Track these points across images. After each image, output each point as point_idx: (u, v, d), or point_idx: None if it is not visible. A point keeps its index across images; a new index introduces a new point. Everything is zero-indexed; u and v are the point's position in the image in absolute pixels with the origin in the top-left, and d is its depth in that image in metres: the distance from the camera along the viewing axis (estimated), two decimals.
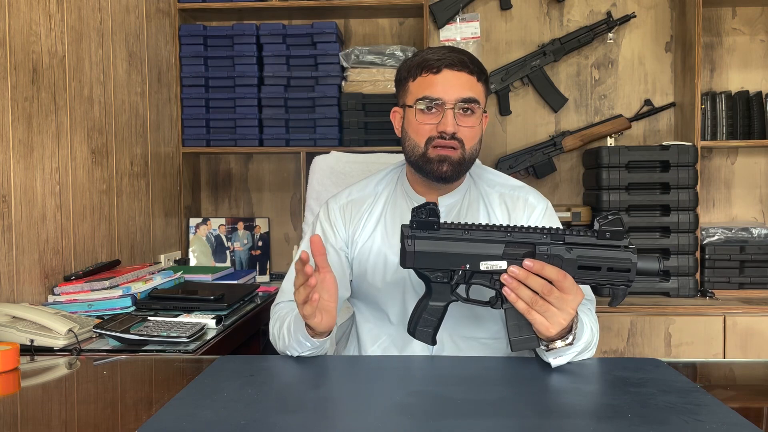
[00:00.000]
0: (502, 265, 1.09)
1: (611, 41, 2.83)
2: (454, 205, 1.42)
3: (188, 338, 1.46)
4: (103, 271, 1.91)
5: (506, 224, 1.12)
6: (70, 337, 1.44)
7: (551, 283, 1.07)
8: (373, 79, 2.68)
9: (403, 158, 1.47)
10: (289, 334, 1.26)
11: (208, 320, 1.61)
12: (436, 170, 1.33)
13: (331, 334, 1.24)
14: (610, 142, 2.72)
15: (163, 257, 2.51)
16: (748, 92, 2.70)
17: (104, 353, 1.43)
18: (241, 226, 2.78)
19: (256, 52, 2.70)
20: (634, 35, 2.85)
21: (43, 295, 1.73)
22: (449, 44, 2.76)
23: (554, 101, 2.84)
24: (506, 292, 1.09)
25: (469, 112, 1.33)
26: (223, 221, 2.77)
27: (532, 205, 1.43)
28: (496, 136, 2.88)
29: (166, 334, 1.46)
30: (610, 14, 2.80)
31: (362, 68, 2.69)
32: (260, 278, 2.68)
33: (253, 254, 2.77)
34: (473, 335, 1.40)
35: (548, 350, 1.14)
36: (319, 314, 1.16)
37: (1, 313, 1.48)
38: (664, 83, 2.85)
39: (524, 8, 2.87)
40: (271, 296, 2.20)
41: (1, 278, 1.57)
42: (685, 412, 0.95)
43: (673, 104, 2.82)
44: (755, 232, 2.67)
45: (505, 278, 1.09)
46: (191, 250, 2.74)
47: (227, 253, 2.76)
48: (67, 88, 1.87)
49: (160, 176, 2.52)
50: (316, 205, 1.98)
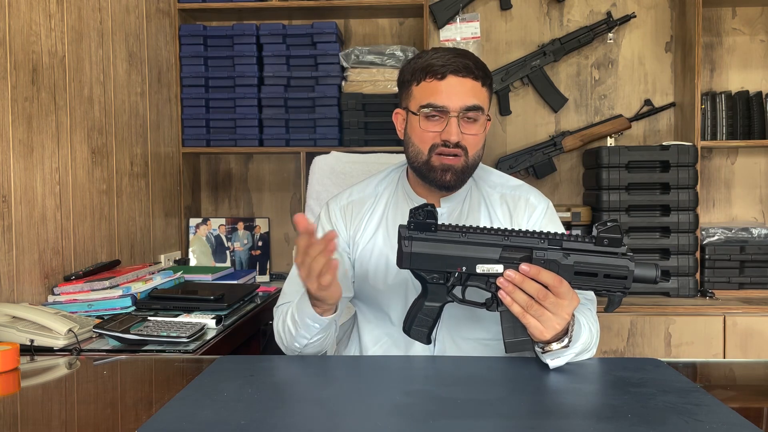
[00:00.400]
0: (498, 268, 1.10)
1: (611, 41, 2.83)
2: (455, 207, 1.42)
3: (188, 338, 1.46)
4: (103, 271, 1.91)
5: (504, 228, 1.12)
6: (70, 337, 1.44)
7: (547, 288, 1.08)
8: (373, 79, 2.68)
9: (403, 159, 1.47)
10: (294, 323, 1.26)
11: (208, 320, 1.61)
12: (439, 179, 1.33)
13: (336, 311, 1.25)
14: (610, 142, 2.72)
15: (163, 257, 2.51)
16: (748, 92, 2.70)
17: (104, 353, 1.43)
18: (241, 226, 2.78)
19: (256, 52, 2.70)
20: (634, 35, 2.85)
21: (43, 295, 1.73)
22: (449, 44, 2.76)
23: (554, 101, 2.84)
24: (502, 295, 1.10)
25: (473, 119, 1.32)
26: (223, 221, 2.78)
27: (533, 205, 1.43)
28: (496, 136, 2.88)
29: (166, 334, 1.46)
30: (610, 14, 2.80)
31: (362, 68, 2.69)
32: (260, 278, 2.68)
33: (253, 254, 2.77)
34: (474, 336, 1.40)
35: (544, 352, 1.14)
36: (335, 284, 1.16)
37: (1, 313, 1.48)
38: (664, 83, 2.85)
39: (524, 8, 2.87)
40: (271, 296, 2.20)
41: (1, 278, 1.57)
42: (685, 412, 0.95)
43: (673, 104, 2.82)
44: (755, 232, 2.67)
45: (501, 282, 1.09)
46: (191, 250, 2.74)
47: (227, 253, 2.76)
48: (67, 88, 1.87)
49: (160, 176, 2.52)
50: (316, 205, 1.98)
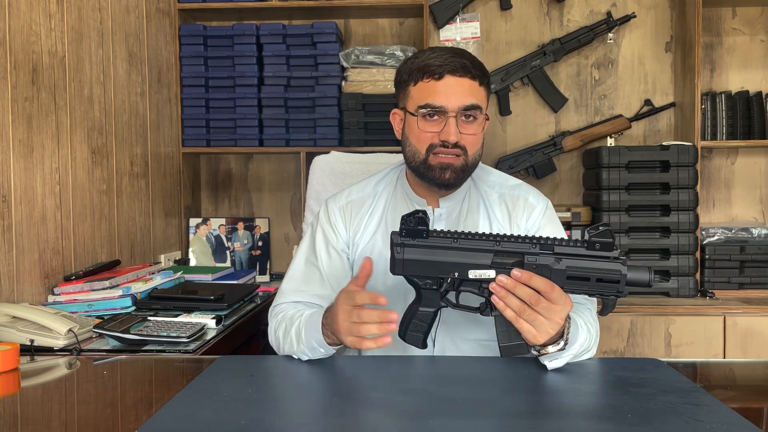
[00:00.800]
0: (490, 274, 1.10)
1: (611, 41, 2.82)
2: (454, 207, 1.42)
3: (188, 338, 1.46)
4: (103, 271, 1.91)
5: (495, 233, 1.12)
6: (70, 337, 1.44)
7: (539, 293, 1.08)
8: (373, 79, 2.68)
9: (401, 158, 1.47)
10: (298, 339, 1.25)
11: (208, 320, 1.61)
12: (438, 177, 1.33)
13: None
14: (610, 142, 2.72)
15: (163, 257, 2.51)
16: (748, 92, 2.70)
17: (104, 353, 1.43)
18: (241, 226, 2.77)
19: (256, 52, 2.70)
20: (634, 35, 2.85)
21: (43, 295, 1.73)
22: (449, 44, 2.76)
23: (554, 101, 2.84)
24: (495, 300, 1.10)
25: (471, 119, 1.32)
26: (223, 221, 2.77)
27: (531, 204, 1.43)
28: (496, 136, 2.88)
29: (166, 334, 1.46)
30: (610, 14, 2.80)
31: (362, 68, 2.69)
32: (260, 278, 2.68)
33: (253, 254, 2.77)
34: (474, 337, 1.39)
35: (540, 355, 1.15)
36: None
37: (1, 313, 1.48)
38: (664, 83, 2.85)
39: (524, 8, 2.87)
40: (271, 296, 2.20)
41: (1, 278, 1.57)
42: (685, 412, 0.95)
43: (673, 104, 2.82)
44: (755, 232, 2.67)
45: (493, 287, 1.09)
46: (191, 250, 2.74)
47: (227, 253, 2.76)
48: (67, 88, 1.87)
49: (160, 176, 2.52)
50: (316, 205, 1.98)
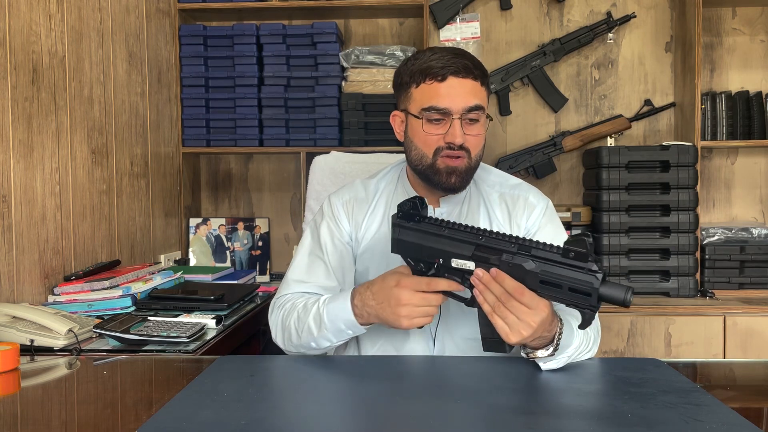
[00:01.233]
0: (470, 265, 1.12)
1: (611, 41, 2.82)
2: (454, 207, 1.42)
3: (188, 338, 1.46)
4: (103, 271, 1.91)
5: (482, 228, 1.14)
6: (70, 337, 1.44)
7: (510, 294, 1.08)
8: (373, 79, 2.68)
9: (401, 158, 1.47)
10: (319, 325, 1.26)
11: (208, 320, 1.61)
12: (444, 182, 1.33)
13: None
14: (610, 142, 2.72)
15: (163, 257, 2.51)
16: (748, 92, 2.70)
17: (104, 353, 1.43)
18: (241, 226, 2.77)
19: (256, 52, 2.70)
20: (634, 35, 2.85)
21: (43, 295, 1.73)
22: (449, 44, 2.76)
23: (554, 101, 2.84)
24: (475, 293, 1.12)
25: (475, 120, 1.32)
26: (223, 221, 2.77)
27: (532, 204, 1.43)
28: (496, 136, 2.88)
29: (166, 334, 1.46)
30: (610, 14, 2.80)
31: (362, 68, 2.69)
32: (260, 278, 2.68)
33: (253, 254, 2.77)
34: (474, 336, 1.39)
35: (529, 358, 1.15)
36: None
37: (1, 313, 1.48)
38: (664, 83, 2.85)
39: (524, 8, 2.87)
40: (271, 296, 2.20)
41: (1, 278, 1.57)
42: (685, 412, 0.95)
43: (673, 104, 2.82)
44: (755, 232, 2.67)
45: (473, 279, 1.12)
46: (191, 250, 2.74)
47: (227, 253, 2.76)
48: (67, 88, 1.87)
49: (160, 176, 2.52)
50: (316, 205, 1.98)
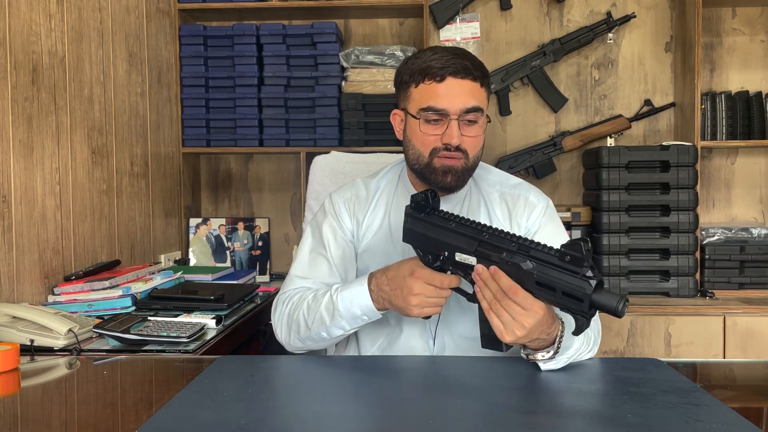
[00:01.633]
0: (472, 260, 1.13)
1: (611, 41, 2.82)
2: (454, 207, 1.42)
3: (188, 338, 1.46)
4: (103, 271, 1.91)
5: (488, 225, 1.15)
6: (70, 337, 1.44)
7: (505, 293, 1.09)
8: (373, 79, 2.68)
9: (402, 157, 1.47)
10: (332, 313, 1.27)
11: (208, 320, 1.61)
12: (440, 181, 1.33)
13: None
14: (610, 142, 2.72)
15: (163, 257, 2.51)
16: (748, 92, 2.70)
17: (104, 353, 1.43)
18: (241, 226, 2.77)
19: (256, 52, 2.70)
20: (634, 35, 2.85)
21: (43, 295, 1.73)
22: (449, 44, 2.76)
23: (554, 101, 2.84)
24: (476, 288, 1.13)
25: (473, 121, 1.32)
26: (223, 221, 2.77)
27: (532, 203, 1.43)
28: (496, 136, 2.88)
29: (166, 334, 1.46)
30: (610, 14, 2.80)
31: (362, 68, 2.69)
32: (260, 278, 2.68)
33: (253, 254, 2.77)
34: (474, 335, 1.39)
35: (528, 360, 1.15)
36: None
37: (1, 313, 1.48)
38: (664, 83, 2.85)
39: (524, 8, 2.87)
40: (271, 296, 2.20)
41: (1, 278, 1.57)
42: (685, 412, 0.95)
43: (673, 104, 2.82)
44: (755, 232, 2.67)
45: (474, 275, 1.12)
46: (191, 250, 2.74)
47: (227, 253, 2.76)
48: (67, 88, 1.87)
49: (160, 176, 2.52)
50: (316, 205, 1.98)
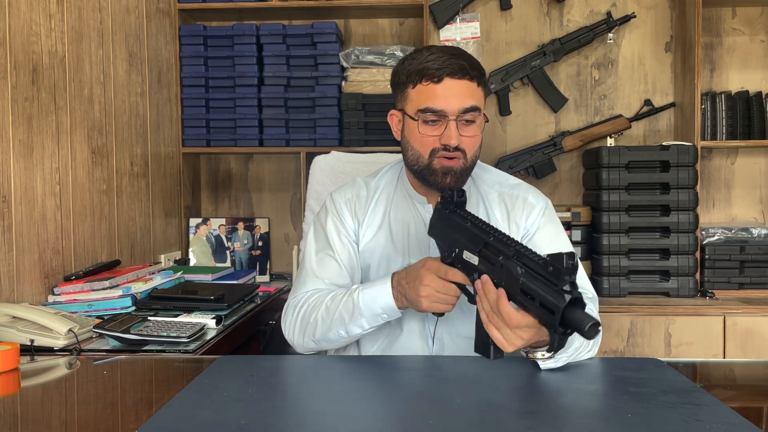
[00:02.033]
0: (474, 260, 1.15)
1: (611, 41, 2.82)
2: None
3: (188, 338, 1.46)
4: (103, 271, 1.91)
5: (497, 229, 1.14)
6: (70, 337, 1.44)
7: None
8: (373, 79, 2.68)
9: (401, 156, 1.47)
10: (352, 313, 1.28)
11: (208, 320, 1.61)
12: (440, 182, 1.34)
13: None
14: (610, 142, 2.72)
15: (163, 257, 2.51)
16: (748, 92, 2.70)
17: (104, 353, 1.43)
18: (241, 226, 2.77)
19: (256, 52, 2.70)
20: (634, 35, 2.85)
21: (43, 295, 1.73)
22: (449, 44, 2.76)
23: (554, 101, 2.84)
24: (477, 298, 1.13)
25: (471, 121, 1.33)
26: (223, 221, 2.77)
27: (531, 204, 1.43)
28: (496, 136, 2.88)
29: (166, 334, 1.46)
30: (610, 14, 2.80)
31: (362, 68, 2.69)
32: (260, 278, 2.68)
33: (253, 254, 2.77)
34: (473, 335, 1.39)
35: (527, 357, 1.15)
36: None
37: (1, 313, 1.48)
38: (664, 83, 2.85)
39: (524, 8, 2.87)
40: (271, 296, 2.21)
41: (1, 278, 1.57)
42: (685, 412, 0.95)
43: (673, 104, 2.81)
44: (755, 232, 2.67)
45: (476, 284, 1.13)
46: (191, 250, 2.74)
47: (227, 253, 2.76)
48: (67, 88, 1.87)
49: (160, 176, 2.52)
50: (316, 205, 1.98)
